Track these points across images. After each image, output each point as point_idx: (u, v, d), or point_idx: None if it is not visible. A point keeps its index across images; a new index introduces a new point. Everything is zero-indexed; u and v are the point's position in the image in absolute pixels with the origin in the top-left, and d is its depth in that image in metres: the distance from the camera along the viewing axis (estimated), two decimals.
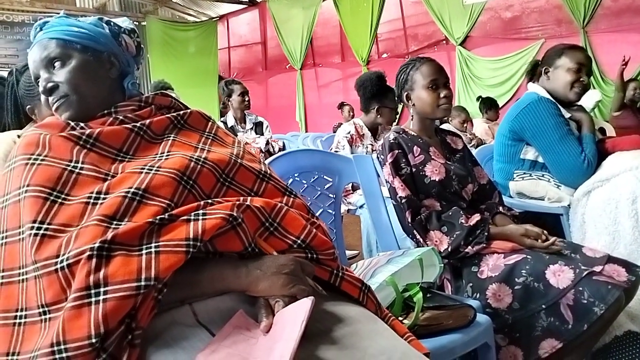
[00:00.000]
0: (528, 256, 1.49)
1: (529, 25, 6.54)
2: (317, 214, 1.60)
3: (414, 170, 1.68)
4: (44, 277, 0.77)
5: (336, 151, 2.92)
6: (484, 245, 1.53)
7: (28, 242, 0.81)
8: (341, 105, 7.17)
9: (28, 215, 0.83)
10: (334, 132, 6.18)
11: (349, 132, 2.95)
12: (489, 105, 5.55)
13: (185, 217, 0.83)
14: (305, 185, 1.63)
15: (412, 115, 1.80)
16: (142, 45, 1.18)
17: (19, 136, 1.78)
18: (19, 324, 0.80)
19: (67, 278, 0.75)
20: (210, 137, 1.10)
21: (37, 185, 0.86)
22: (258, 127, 3.72)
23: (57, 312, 0.75)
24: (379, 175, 1.79)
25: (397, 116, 3.02)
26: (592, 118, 2.12)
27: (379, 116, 2.96)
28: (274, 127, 5.88)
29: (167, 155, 0.98)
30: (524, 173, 2.11)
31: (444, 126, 4.53)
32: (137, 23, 10.26)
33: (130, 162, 0.96)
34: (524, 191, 2.08)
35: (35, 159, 0.90)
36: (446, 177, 1.69)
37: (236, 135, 3.49)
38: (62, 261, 0.76)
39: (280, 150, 3.16)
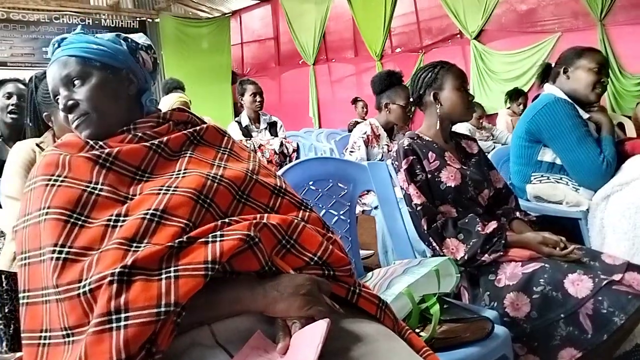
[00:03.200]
0: (546, 265, 1.47)
1: (545, 18, 6.42)
2: (332, 222, 1.62)
3: (429, 176, 1.67)
4: (66, 301, 0.79)
5: (352, 152, 2.91)
6: (501, 253, 1.52)
7: (49, 265, 0.82)
8: (355, 101, 7.14)
9: (49, 238, 0.84)
10: (349, 130, 6.15)
11: (365, 133, 2.93)
12: (515, 97, 5.39)
13: (203, 240, 0.84)
14: (320, 194, 1.63)
15: (429, 119, 1.79)
16: (158, 62, 1.19)
17: (37, 145, 1.81)
18: (44, 344, 0.82)
19: (89, 302, 0.76)
20: (226, 153, 1.11)
21: (58, 208, 0.87)
22: (272, 127, 3.73)
23: (80, 335, 0.76)
24: (392, 177, 1.78)
25: (410, 115, 2.95)
26: (611, 120, 2.08)
27: (388, 112, 2.94)
28: (288, 123, 5.88)
29: (184, 173, 0.99)
30: (542, 176, 2.08)
31: (460, 124, 4.48)
32: (150, 20, 10.33)
33: (148, 182, 0.97)
34: (541, 194, 2.06)
35: (55, 180, 0.91)
36: (462, 182, 1.67)
37: (251, 136, 3.50)
38: (84, 286, 0.77)
39: (294, 151, 3.16)
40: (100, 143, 1.00)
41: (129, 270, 0.76)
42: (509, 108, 5.54)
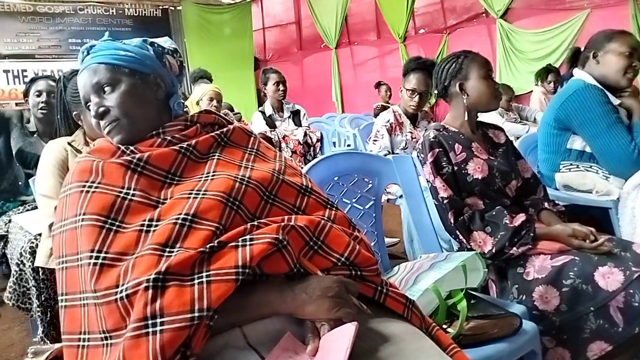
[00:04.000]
0: (576, 257, 1.45)
1: None
2: (357, 216, 1.63)
3: (455, 168, 1.66)
4: (103, 305, 0.82)
5: (375, 140, 2.90)
6: (530, 246, 1.51)
7: (87, 271, 0.85)
8: (378, 85, 7.08)
9: (86, 244, 0.87)
10: (375, 115, 6.09)
11: (388, 121, 2.91)
12: (544, 76, 5.23)
13: (233, 244, 0.86)
14: (345, 189, 1.63)
15: (455, 110, 1.77)
16: (184, 64, 1.21)
17: (69, 143, 1.86)
18: (83, 346, 0.86)
19: (126, 307, 0.79)
20: (253, 153, 1.12)
21: (93, 214, 0.90)
22: (295, 116, 3.73)
23: (118, 339, 0.79)
24: (416, 167, 1.77)
25: (417, 101, 2.87)
26: None
27: (402, 99, 2.94)
28: (311, 108, 5.82)
29: (212, 176, 1.01)
30: (571, 164, 2.04)
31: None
32: (172, 8, 10.37)
33: (178, 185, 0.99)
34: (570, 183, 2.02)
35: (90, 187, 0.94)
36: (489, 174, 1.66)
37: (275, 126, 3.51)
38: (121, 291, 0.80)
39: (318, 140, 3.17)
40: (131, 148, 1.02)
41: (163, 276, 0.79)
42: (537, 85, 5.37)
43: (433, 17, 8.06)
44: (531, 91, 6.31)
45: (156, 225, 0.90)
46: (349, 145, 5.76)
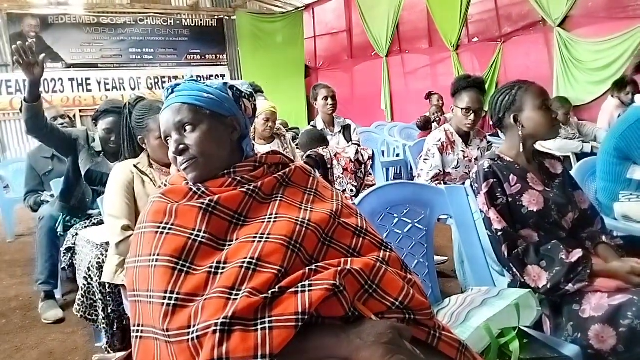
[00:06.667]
0: (635, 297, 1.41)
1: (638, 1, 5.94)
2: (409, 246, 1.65)
3: (510, 200, 1.65)
4: (175, 344, 0.89)
5: (426, 159, 2.90)
6: (586, 283, 1.48)
7: (159, 310, 0.92)
8: (428, 96, 7.00)
9: (159, 284, 0.95)
10: (418, 127, 6.03)
11: (439, 140, 2.91)
12: (623, 85, 4.92)
13: (293, 289, 0.91)
14: (397, 219, 1.65)
15: (511, 140, 1.76)
16: (257, 107, 1.27)
17: (135, 165, 1.98)
18: None
19: (196, 347, 0.86)
20: (312, 194, 1.18)
21: (166, 255, 0.98)
22: (346, 131, 3.77)
23: None
24: (468, 197, 1.76)
25: (472, 119, 2.84)
26: None
27: (455, 117, 2.92)
28: (360, 117, 5.77)
29: (275, 218, 1.07)
30: (631, 194, 1.99)
31: None
32: (227, 18, 10.67)
33: (243, 227, 1.06)
34: (630, 214, 1.96)
35: (164, 228, 1.02)
36: (545, 207, 1.64)
37: (326, 140, 3.55)
38: (192, 332, 0.87)
39: (369, 158, 3.19)
40: (202, 189, 1.09)
41: (230, 321, 0.85)
42: (613, 97, 5.08)
43: (487, 25, 7.90)
44: (591, 102, 6.11)
45: (223, 268, 0.96)
46: (397, 155, 5.74)
